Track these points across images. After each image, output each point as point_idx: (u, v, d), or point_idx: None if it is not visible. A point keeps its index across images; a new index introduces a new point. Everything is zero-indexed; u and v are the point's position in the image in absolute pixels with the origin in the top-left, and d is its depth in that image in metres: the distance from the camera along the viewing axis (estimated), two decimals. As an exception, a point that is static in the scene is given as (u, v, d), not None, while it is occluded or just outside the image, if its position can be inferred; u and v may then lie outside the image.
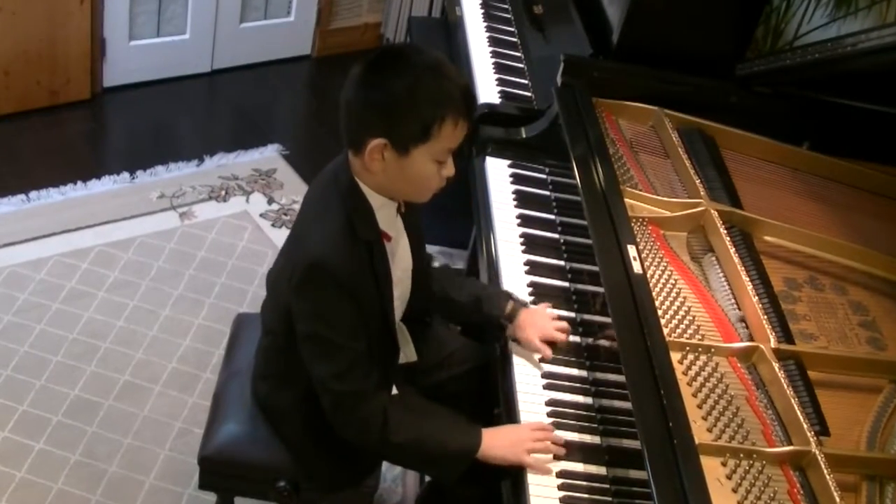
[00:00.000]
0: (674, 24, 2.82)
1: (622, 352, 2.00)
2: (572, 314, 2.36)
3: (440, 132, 1.94)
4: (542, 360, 2.23)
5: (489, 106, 2.97)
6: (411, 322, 2.32)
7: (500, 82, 3.17)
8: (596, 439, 2.09)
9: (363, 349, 2.04)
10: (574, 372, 2.23)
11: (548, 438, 2.05)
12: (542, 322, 2.28)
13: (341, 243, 1.99)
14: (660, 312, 2.12)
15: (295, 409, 2.24)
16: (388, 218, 2.08)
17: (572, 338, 2.30)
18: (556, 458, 2.03)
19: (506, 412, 2.16)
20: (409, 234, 2.19)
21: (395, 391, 2.22)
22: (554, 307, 2.36)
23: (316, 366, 2.06)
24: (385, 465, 2.56)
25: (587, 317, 2.32)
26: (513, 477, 2.04)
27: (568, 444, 2.05)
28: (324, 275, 1.97)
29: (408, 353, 2.32)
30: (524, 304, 2.34)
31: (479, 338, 2.52)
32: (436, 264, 2.95)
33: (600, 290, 2.18)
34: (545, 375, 2.20)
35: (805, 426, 1.91)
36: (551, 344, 2.24)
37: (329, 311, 2.01)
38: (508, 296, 2.34)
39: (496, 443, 2.08)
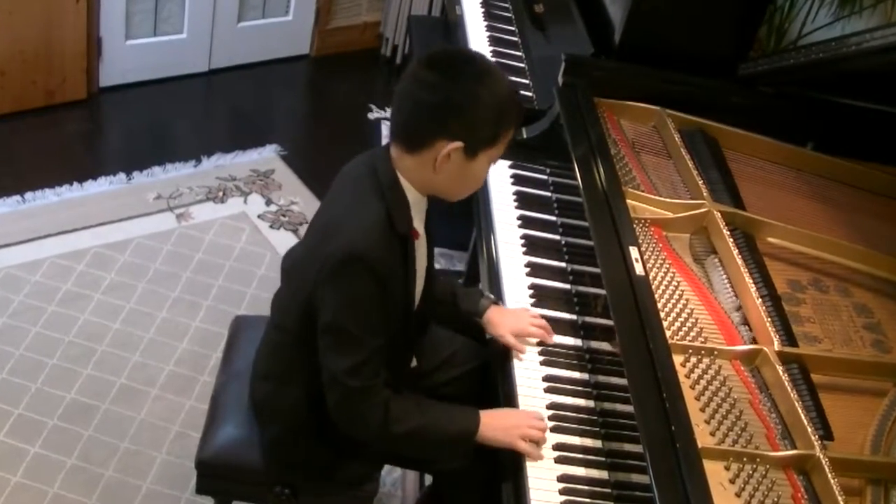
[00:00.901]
0: (676, 23, 2.82)
1: (624, 355, 2.00)
2: (573, 316, 2.36)
3: (505, 135, 2.03)
4: (543, 363, 2.23)
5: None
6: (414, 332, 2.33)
7: (501, 82, 3.16)
8: (598, 443, 2.09)
9: (379, 347, 2.05)
10: (575, 375, 2.23)
11: (544, 429, 2.08)
12: (512, 319, 2.30)
13: (379, 235, 2.01)
14: (662, 315, 2.12)
15: (296, 409, 2.24)
16: (419, 215, 2.11)
17: (573, 340, 2.30)
18: (557, 462, 2.03)
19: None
20: (426, 234, 2.22)
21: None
22: (555, 309, 2.36)
23: (331, 358, 2.06)
24: (384, 468, 2.56)
25: (589, 319, 2.32)
26: (514, 480, 2.04)
27: (569, 448, 2.06)
28: (361, 266, 1.98)
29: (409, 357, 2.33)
30: (495, 302, 2.37)
31: (479, 338, 2.52)
32: (436, 266, 2.95)
33: (602, 292, 2.18)
34: (546, 378, 2.20)
35: (809, 430, 1.92)
36: (554, 354, 2.24)
37: (359, 303, 2.02)
38: (481, 293, 2.38)
39: (494, 423, 2.11)
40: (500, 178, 2.73)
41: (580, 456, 2.05)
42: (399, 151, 2.04)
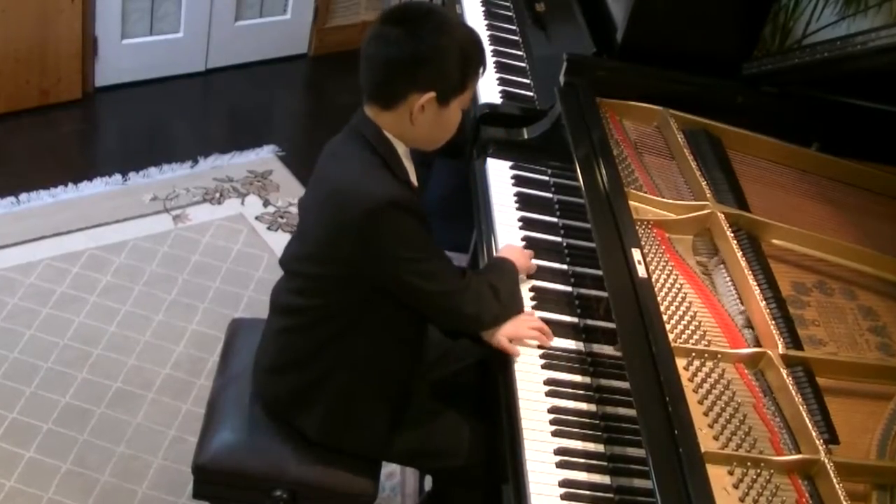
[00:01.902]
0: (679, 22, 2.82)
1: (626, 358, 2.01)
2: (575, 319, 2.36)
3: (472, 81, 2.15)
4: (544, 366, 2.23)
5: (490, 106, 2.97)
6: None
7: (502, 82, 3.17)
8: (600, 447, 2.09)
9: (442, 256, 2.23)
10: (577, 378, 2.23)
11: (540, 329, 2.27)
12: (507, 325, 2.30)
13: (391, 183, 2.12)
14: (665, 317, 2.12)
15: (334, 381, 2.26)
16: (410, 168, 2.20)
17: (575, 344, 2.30)
18: (559, 466, 2.03)
19: (507, 419, 2.17)
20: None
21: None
22: (556, 312, 2.36)
23: (414, 286, 2.16)
24: (384, 473, 2.56)
25: (590, 322, 2.32)
26: (515, 485, 2.04)
27: (570, 453, 2.06)
28: (399, 208, 2.08)
29: None
30: None
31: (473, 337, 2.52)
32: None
33: (604, 294, 2.18)
34: (547, 382, 2.20)
35: (814, 434, 1.92)
36: (555, 357, 2.25)
37: (411, 238, 2.13)
38: None
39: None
40: (501, 179, 2.73)
41: (582, 460, 2.05)
42: (375, 110, 2.15)
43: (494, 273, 2.34)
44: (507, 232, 2.56)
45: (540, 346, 2.27)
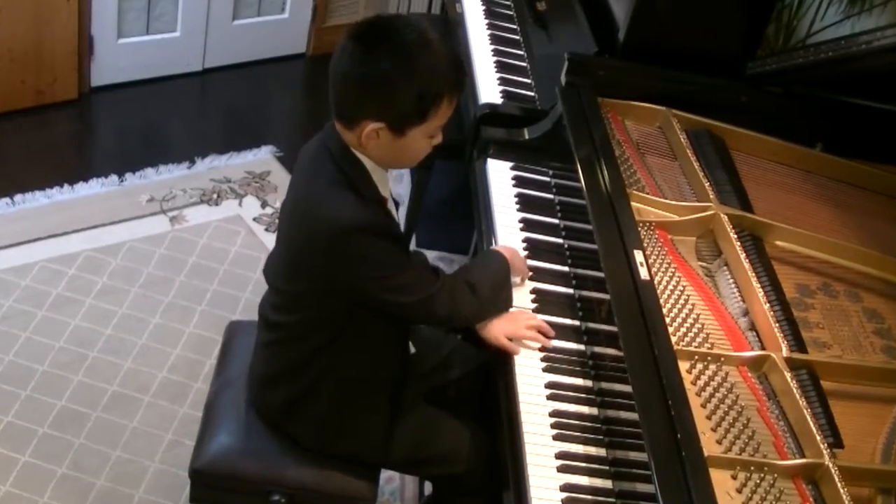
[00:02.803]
0: (682, 21, 2.82)
1: (629, 361, 2.01)
2: (577, 322, 2.37)
3: (436, 112, 2.03)
4: (545, 369, 2.23)
5: (491, 106, 2.97)
6: None
7: (502, 81, 3.17)
8: (601, 451, 2.09)
9: (412, 261, 2.17)
10: (578, 382, 2.23)
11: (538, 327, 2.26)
12: (505, 323, 2.31)
13: (357, 206, 2.06)
14: (668, 320, 2.12)
15: (325, 393, 2.27)
16: (381, 181, 2.14)
17: (577, 346, 2.31)
18: (560, 471, 2.03)
19: (508, 423, 2.17)
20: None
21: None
22: (558, 315, 2.36)
23: (386, 300, 2.14)
24: (383, 478, 2.56)
25: (592, 325, 2.33)
26: (515, 490, 2.04)
27: (572, 457, 2.06)
28: (359, 234, 2.03)
29: None
30: None
31: (480, 343, 2.52)
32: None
33: (606, 296, 2.18)
34: (548, 385, 2.20)
35: (818, 438, 1.92)
36: (557, 360, 2.25)
37: (377, 258, 2.08)
38: None
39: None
40: (502, 180, 2.74)
41: (583, 465, 2.05)
42: (340, 126, 2.08)
43: (476, 269, 2.31)
44: (508, 233, 2.56)
45: (542, 349, 2.28)
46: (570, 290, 2.46)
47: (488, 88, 3.12)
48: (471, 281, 2.25)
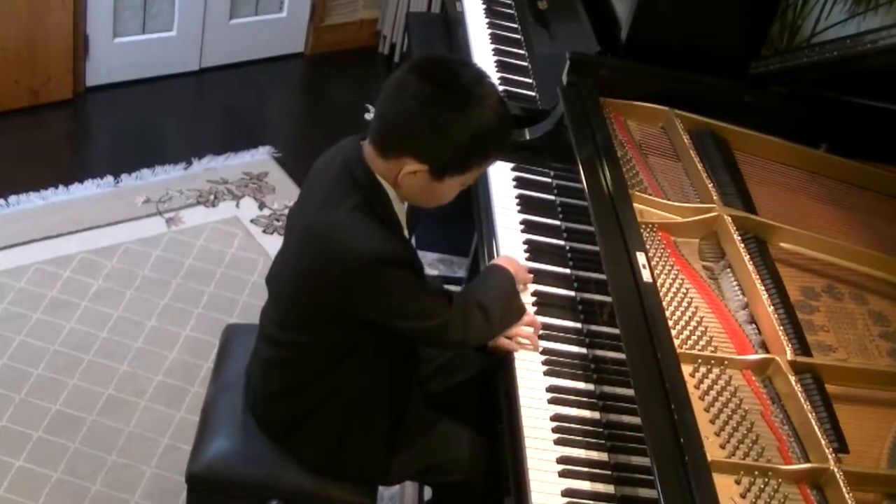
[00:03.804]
0: (685, 20, 2.83)
1: (631, 364, 2.01)
2: (578, 325, 2.37)
3: (479, 166, 2.09)
4: (546, 373, 2.24)
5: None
6: None
7: (503, 81, 3.18)
8: (603, 456, 2.09)
9: (433, 287, 2.18)
10: (580, 385, 2.23)
11: (535, 326, 2.28)
12: None
13: (375, 236, 2.05)
14: (670, 323, 2.13)
15: (326, 416, 2.27)
16: (399, 208, 2.14)
17: (578, 349, 2.31)
18: (562, 475, 2.03)
19: (508, 427, 2.17)
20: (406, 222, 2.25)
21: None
22: (559, 317, 2.36)
23: (403, 326, 2.15)
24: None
25: (594, 328, 2.33)
26: (516, 495, 2.04)
27: (574, 462, 2.06)
28: (375, 266, 2.03)
29: None
30: None
31: (481, 347, 2.53)
32: (434, 272, 2.97)
33: (608, 299, 2.18)
34: (550, 389, 2.20)
35: (823, 442, 1.92)
36: (558, 363, 2.25)
37: (392, 288, 2.08)
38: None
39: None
40: (502, 181, 2.74)
41: (585, 469, 2.06)
42: (373, 152, 2.07)
43: (485, 290, 2.28)
44: (509, 235, 2.57)
45: (543, 352, 2.28)
46: (572, 293, 2.46)
47: (489, 88, 3.11)
48: (482, 303, 2.23)
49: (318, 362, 2.20)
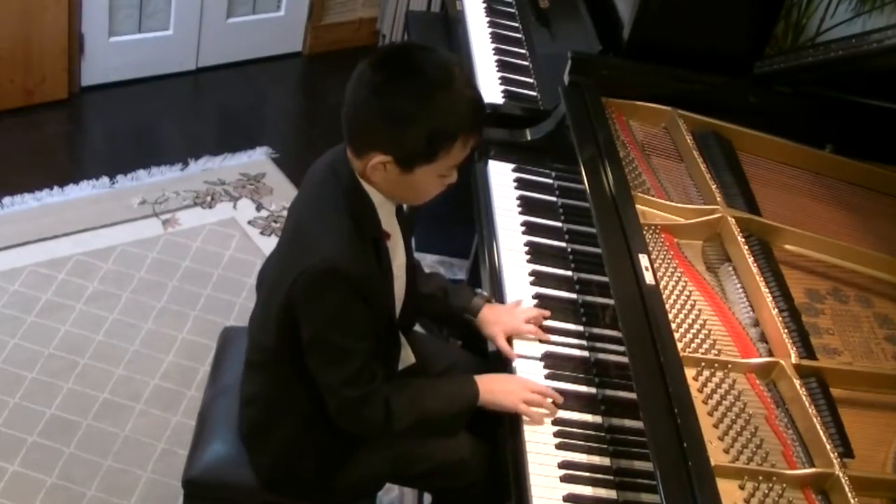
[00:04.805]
0: (688, 19, 2.83)
1: (633, 367, 2.01)
2: (580, 327, 2.37)
3: (448, 153, 2.00)
4: (547, 377, 2.24)
5: (492, 106, 2.98)
6: (402, 327, 2.35)
7: (504, 81, 3.18)
8: (606, 461, 2.09)
9: (371, 349, 2.08)
10: (582, 389, 2.24)
11: (545, 396, 2.17)
12: (506, 318, 2.33)
13: (350, 244, 2.03)
14: (673, 326, 2.13)
15: (287, 434, 2.25)
16: (387, 215, 2.12)
17: (579, 353, 2.31)
18: (563, 480, 2.03)
19: (509, 431, 2.17)
20: (401, 228, 2.23)
21: None
22: (561, 320, 2.37)
23: (324, 371, 2.09)
24: (381, 489, 2.56)
25: (596, 330, 2.33)
26: (517, 500, 2.04)
27: (575, 466, 2.06)
28: (338, 278, 2.00)
29: (405, 356, 2.35)
30: (488, 300, 2.41)
31: (481, 352, 2.53)
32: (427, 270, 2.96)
33: (610, 302, 2.18)
34: (551, 393, 2.21)
35: (828, 447, 1.92)
36: (560, 366, 2.26)
37: (342, 315, 2.04)
38: (473, 290, 2.42)
39: (493, 388, 2.21)
40: (503, 182, 2.74)
41: (587, 474, 2.06)
42: (350, 152, 2.05)
43: (443, 399, 2.22)
44: (510, 237, 2.57)
45: (544, 356, 2.29)
46: (574, 295, 2.46)
47: (489, 88, 3.12)
48: (421, 408, 2.17)
49: (285, 370, 2.18)
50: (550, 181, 2.79)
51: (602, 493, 2.03)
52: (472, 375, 2.24)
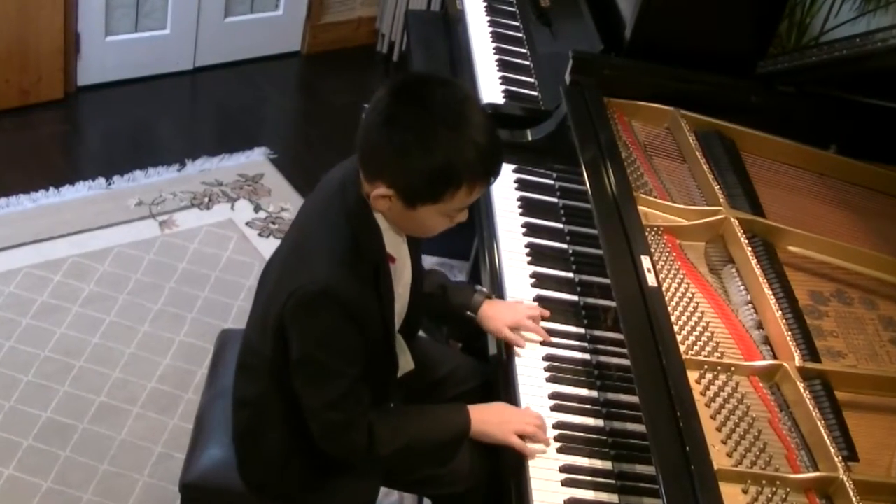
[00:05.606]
0: (691, 18, 2.83)
1: (635, 370, 2.01)
2: (582, 330, 2.37)
3: (453, 197, 1.94)
4: (549, 379, 2.24)
5: (492, 107, 2.98)
6: (404, 333, 2.34)
7: (505, 81, 3.18)
8: (607, 465, 2.09)
9: (358, 374, 2.06)
10: (583, 392, 2.24)
11: (539, 426, 2.12)
12: (507, 312, 2.33)
13: (348, 266, 1.99)
14: (676, 328, 2.13)
15: (278, 443, 2.24)
16: (393, 239, 2.09)
17: (582, 355, 2.31)
18: (564, 485, 2.03)
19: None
20: (409, 247, 2.20)
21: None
22: (562, 322, 2.37)
23: (308, 393, 2.08)
24: (382, 491, 2.56)
25: (597, 333, 2.33)
26: (518, 503, 2.05)
27: (577, 470, 2.06)
28: (329, 301, 1.97)
29: (404, 362, 2.34)
30: (488, 296, 2.40)
31: (482, 356, 2.53)
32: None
33: (612, 304, 2.18)
34: (552, 396, 2.21)
35: (832, 451, 1.92)
36: (561, 369, 2.25)
37: (331, 337, 2.02)
38: (473, 288, 2.42)
39: (485, 417, 2.17)
40: (504, 183, 2.74)
41: (588, 478, 2.06)
42: (362, 175, 2.00)
43: (431, 427, 2.18)
44: (510, 238, 2.57)
45: (546, 358, 2.29)
46: (575, 297, 2.46)
47: (490, 88, 3.12)
48: (408, 433, 2.14)
49: (275, 380, 2.16)
50: (551, 182, 2.79)
51: (604, 497, 2.03)
52: (464, 404, 2.20)
